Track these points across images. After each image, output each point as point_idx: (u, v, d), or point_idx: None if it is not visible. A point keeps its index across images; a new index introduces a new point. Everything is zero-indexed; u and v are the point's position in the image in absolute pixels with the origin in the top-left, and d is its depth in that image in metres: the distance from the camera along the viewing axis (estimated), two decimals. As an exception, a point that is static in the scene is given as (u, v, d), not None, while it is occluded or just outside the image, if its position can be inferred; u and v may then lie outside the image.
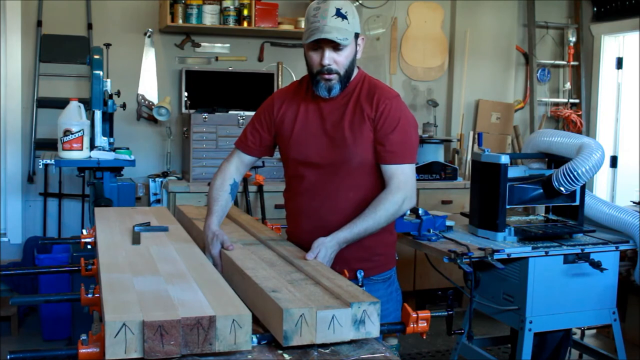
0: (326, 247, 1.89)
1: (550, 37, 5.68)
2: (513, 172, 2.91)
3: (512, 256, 2.74)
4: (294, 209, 2.22)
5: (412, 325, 1.51)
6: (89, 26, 4.52)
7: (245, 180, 4.29)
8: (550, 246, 2.81)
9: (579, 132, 5.45)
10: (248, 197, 4.29)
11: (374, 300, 1.44)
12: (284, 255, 1.88)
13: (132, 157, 3.43)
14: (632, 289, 3.79)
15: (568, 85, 5.63)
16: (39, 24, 4.42)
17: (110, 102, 3.48)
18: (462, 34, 5.30)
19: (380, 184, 2.07)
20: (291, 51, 4.92)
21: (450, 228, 3.06)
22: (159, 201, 4.37)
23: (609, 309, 2.98)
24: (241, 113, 4.39)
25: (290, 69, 4.87)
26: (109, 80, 3.56)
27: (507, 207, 2.86)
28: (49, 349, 1.35)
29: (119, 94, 3.65)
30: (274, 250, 1.96)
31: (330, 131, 2.07)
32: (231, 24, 4.54)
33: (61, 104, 3.49)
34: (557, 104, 5.70)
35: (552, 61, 5.66)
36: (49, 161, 3.32)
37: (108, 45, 4.34)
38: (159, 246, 1.96)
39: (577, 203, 3.01)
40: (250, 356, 1.34)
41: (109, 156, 3.37)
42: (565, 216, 3.10)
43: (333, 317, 1.38)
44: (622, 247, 2.92)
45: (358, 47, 2.07)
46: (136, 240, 2.00)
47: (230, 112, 4.42)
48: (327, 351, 1.37)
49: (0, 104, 4.39)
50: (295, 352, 1.36)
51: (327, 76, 2.01)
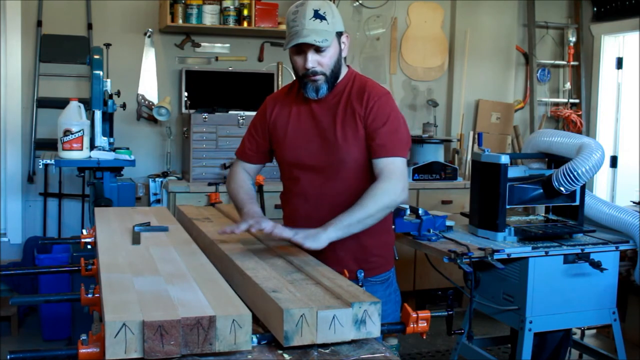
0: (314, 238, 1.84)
1: (550, 37, 5.68)
2: (513, 172, 2.91)
3: (512, 256, 2.74)
4: (290, 212, 2.21)
5: (412, 325, 1.51)
6: (89, 26, 4.52)
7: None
8: (550, 246, 2.81)
9: (579, 132, 5.45)
10: (248, 197, 4.29)
11: (375, 300, 1.44)
12: (284, 255, 1.88)
13: (132, 157, 3.43)
14: (632, 289, 3.79)
15: (568, 85, 5.63)
16: (39, 24, 4.43)
17: (110, 102, 3.48)
18: (462, 34, 5.30)
19: None
20: (291, 51, 4.92)
21: (450, 228, 3.06)
22: (159, 201, 4.37)
23: (609, 309, 2.98)
24: (241, 113, 4.39)
25: (290, 69, 4.86)
26: (109, 80, 3.56)
27: (507, 207, 2.86)
28: (49, 349, 1.35)
29: (119, 94, 3.65)
30: (274, 250, 1.95)
31: (323, 133, 2.06)
32: (231, 24, 4.54)
33: (61, 104, 3.48)
34: (557, 104, 5.71)
35: (552, 61, 5.67)
36: (49, 161, 3.32)
37: (108, 45, 4.34)
38: (159, 246, 1.95)
39: (577, 203, 3.01)
40: (250, 356, 1.34)
41: (109, 156, 3.37)
42: (565, 216, 3.10)
43: (334, 317, 1.38)
44: (622, 247, 2.92)
45: (343, 46, 2.06)
46: (136, 240, 2.00)
47: (230, 112, 4.42)
48: (327, 351, 1.37)
49: (0, 104, 4.39)
50: (295, 352, 1.36)
51: (313, 78, 2.01)
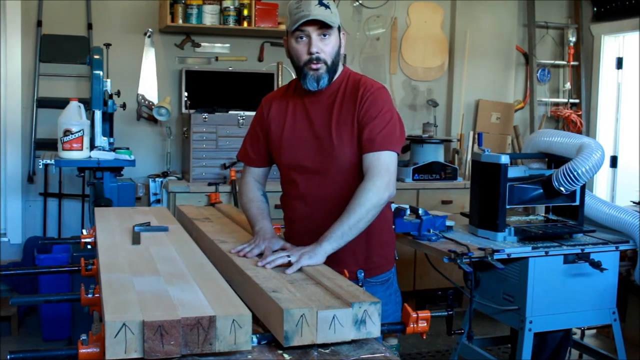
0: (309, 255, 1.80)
1: (550, 37, 5.68)
2: (513, 172, 2.91)
3: (512, 256, 2.74)
4: (290, 214, 2.19)
5: (412, 325, 1.51)
6: (89, 26, 4.52)
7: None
8: (550, 246, 2.81)
9: (579, 132, 5.45)
10: (248, 197, 4.29)
11: (375, 300, 1.44)
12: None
13: (132, 157, 3.43)
14: (632, 289, 3.79)
15: (568, 85, 5.63)
16: (39, 24, 4.43)
17: (110, 102, 3.48)
18: (462, 34, 5.30)
19: None
20: (291, 51, 4.92)
21: (450, 228, 3.06)
22: (159, 201, 4.37)
23: (609, 309, 2.98)
24: (241, 113, 4.39)
25: (290, 69, 4.86)
26: (109, 80, 3.56)
27: (507, 207, 2.86)
28: (49, 349, 1.35)
29: (119, 94, 3.65)
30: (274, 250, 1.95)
31: (318, 133, 2.04)
32: (231, 24, 4.54)
33: (61, 104, 3.48)
34: (557, 104, 5.71)
35: (552, 61, 5.67)
36: (49, 161, 3.32)
37: (108, 45, 4.34)
38: (159, 246, 1.95)
39: (577, 203, 3.01)
40: (250, 356, 1.34)
41: (109, 156, 3.37)
42: (565, 216, 3.10)
43: (334, 317, 1.38)
44: (622, 247, 2.92)
45: (342, 41, 2.06)
46: (136, 240, 2.00)
47: (230, 112, 4.42)
48: (327, 351, 1.37)
49: (0, 104, 4.39)
50: (295, 352, 1.36)
51: (314, 66, 1.97)
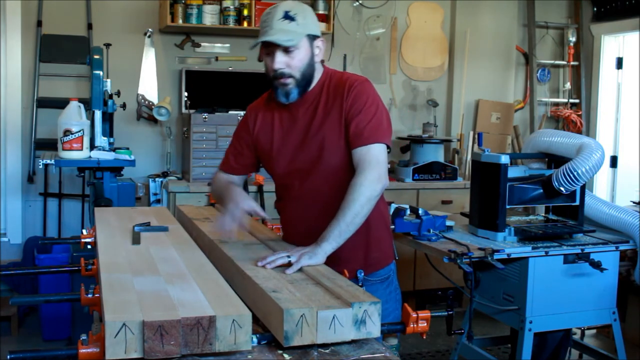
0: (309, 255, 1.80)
1: (550, 37, 5.68)
2: (513, 172, 2.91)
3: (512, 256, 2.74)
4: (287, 218, 2.19)
5: (412, 325, 1.51)
6: (89, 26, 4.52)
7: (244, 181, 4.29)
8: (550, 246, 2.81)
9: (579, 132, 5.45)
10: (248, 197, 4.29)
11: (375, 300, 1.44)
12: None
13: (132, 157, 3.43)
14: (632, 289, 3.79)
15: (568, 85, 5.63)
16: (39, 24, 4.42)
17: (110, 102, 3.48)
18: (462, 34, 5.30)
19: None
20: (291, 51, 4.92)
21: (450, 228, 3.06)
22: (159, 201, 4.37)
23: (609, 309, 2.98)
24: (241, 113, 4.38)
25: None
26: (109, 80, 3.56)
27: (507, 207, 2.86)
28: (49, 349, 1.35)
29: (119, 94, 3.65)
30: (274, 250, 1.95)
31: (308, 137, 2.03)
32: (231, 24, 4.54)
33: (61, 104, 3.48)
34: (557, 104, 5.71)
35: (552, 61, 5.67)
36: (49, 161, 3.32)
37: (108, 45, 4.34)
38: (159, 246, 1.95)
39: (577, 203, 3.01)
40: (250, 356, 1.34)
41: (109, 156, 3.37)
42: (565, 216, 3.10)
43: (334, 317, 1.38)
44: (622, 247, 2.92)
45: (317, 50, 2.01)
46: (136, 240, 2.00)
47: (230, 112, 4.42)
48: (327, 351, 1.37)
49: (0, 104, 4.39)
50: (295, 352, 1.36)
51: (282, 81, 1.96)
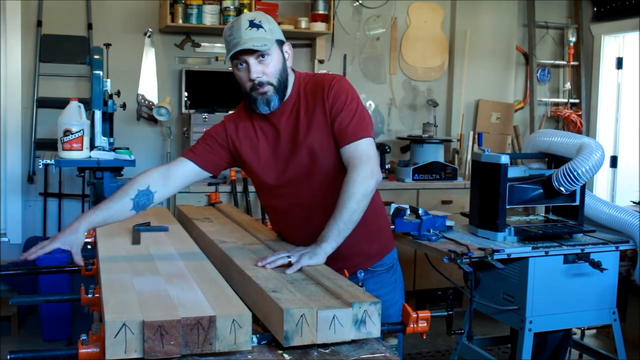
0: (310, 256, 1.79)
1: (550, 37, 5.68)
2: (513, 172, 2.91)
3: (512, 256, 2.74)
4: (284, 227, 2.15)
5: (412, 325, 1.51)
6: (89, 26, 4.52)
7: (245, 181, 4.29)
8: (550, 246, 2.80)
9: (579, 132, 5.45)
10: (248, 197, 4.29)
11: (375, 300, 1.44)
12: (284, 255, 1.88)
13: (132, 157, 3.43)
14: (632, 289, 3.79)
15: (568, 85, 5.63)
16: (39, 24, 4.42)
17: (110, 102, 3.47)
18: (462, 34, 5.30)
19: None
20: (291, 51, 4.92)
21: (450, 228, 3.06)
22: (159, 201, 4.36)
23: (609, 309, 2.98)
24: (241, 113, 4.38)
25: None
26: (109, 80, 3.56)
27: (507, 207, 2.86)
28: (49, 349, 1.36)
29: (119, 94, 3.65)
30: (273, 250, 1.95)
31: (296, 145, 1.99)
32: (231, 24, 4.54)
33: (61, 104, 3.48)
34: (557, 104, 5.71)
35: (552, 61, 5.67)
36: (49, 161, 3.32)
37: (108, 45, 4.34)
38: (159, 246, 1.96)
39: (577, 203, 3.00)
40: (250, 356, 1.34)
41: (109, 156, 3.37)
42: (565, 216, 3.10)
43: (334, 317, 1.38)
44: (622, 247, 2.92)
45: (286, 54, 1.99)
46: (136, 240, 2.00)
47: (230, 112, 4.41)
48: (327, 351, 1.37)
49: (0, 104, 4.39)
50: (295, 352, 1.36)
51: (261, 90, 1.92)
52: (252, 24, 1.90)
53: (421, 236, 2.89)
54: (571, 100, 5.64)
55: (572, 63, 5.60)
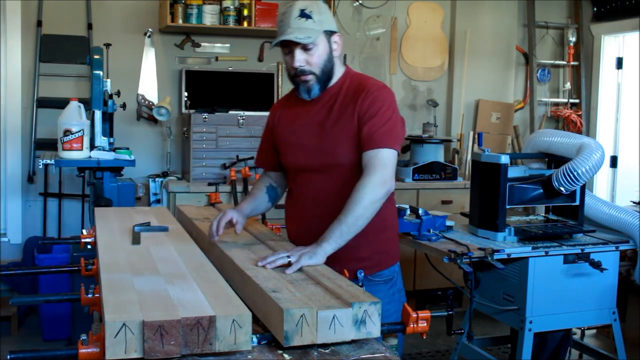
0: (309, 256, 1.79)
1: (550, 37, 5.68)
2: (513, 172, 2.91)
3: (512, 256, 2.74)
4: (291, 213, 2.21)
5: (412, 325, 1.51)
6: (89, 26, 4.52)
7: (245, 180, 4.29)
8: (550, 246, 2.81)
9: (579, 132, 5.45)
10: (248, 197, 4.29)
11: (375, 300, 1.44)
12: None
13: (132, 157, 3.43)
14: (632, 289, 3.79)
15: (568, 85, 5.63)
16: (39, 24, 4.42)
17: (110, 102, 3.48)
18: (462, 34, 5.30)
19: None
20: (291, 51, 4.92)
21: (450, 228, 3.06)
22: (159, 201, 4.37)
23: (609, 309, 2.98)
24: (241, 113, 4.38)
25: (290, 69, 4.86)
26: (109, 80, 3.56)
27: (507, 207, 2.86)
28: (49, 349, 1.35)
29: (119, 94, 3.65)
30: (274, 250, 1.95)
31: (319, 134, 2.05)
32: (231, 24, 4.54)
33: (61, 104, 3.48)
34: (557, 104, 5.71)
35: (552, 61, 5.67)
36: (49, 161, 3.32)
37: (108, 45, 4.34)
38: (159, 246, 1.96)
39: (577, 203, 3.01)
40: (250, 356, 1.34)
41: (109, 156, 3.37)
42: (565, 216, 3.10)
43: (334, 317, 1.38)
44: (622, 247, 2.92)
45: (335, 45, 2.04)
46: (136, 240, 2.00)
47: (230, 112, 4.42)
48: (327, 351, 1.37)
49: (0, 104, 4.39)
50: (295, 352, 1.36)
51: (303, 78, 2.01)
52: (303, 14, 1.95)
53: (421, 236, 2.89)
54: (571, 100, 5.64)
55: (572, 63, 5.60)
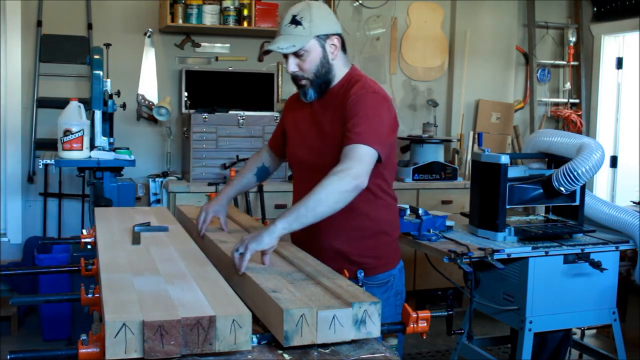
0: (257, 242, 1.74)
1: (550, 37, 5.68)
2: (513, 172, 2.91)
3: (512, 256, 2.74)
4: None
5: (412, 325, 1.51)
6: (89, 26, 4.52)
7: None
8: (550, 246, 2.81)
9: (579, 132, 5.45)
10: (248, 197, 4.29)
11: (375, 300, 1.44)
12: (284, 255, 1.88)
13: (132, 157, 3.43)
14: (632, 289, 3.79)
15: (568, 85, 5.63)
16: (39, 24, 4.42)
17: (110, 102, 3.47)
18: (462, 34, 5.30)
19: (370, 186, 1.94)
20: (291, 51, 4.92)
21: (450, 228, 3.06)
22: (159, 201, 4.37)
23: (609, 309, 2.98)
24: (241, 113, 4.38)
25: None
26: (109, 80, 3.56)
27: (507, 207, 2.86)
28: (49, 349, 1.35)
29: (119, 94, 3.65)
30: (274, 249, 1.95)
31: (319, 133, 2.07)
32: (231, 24, 4.54)
33: (61, 104, 3.48)
34: (557, 104, 5.71)
35: (552, 61, 5.67)
36: (49, 161, 3.31)
37: (108, 45, 4.34)
38: (159, 246, 1.95)
39: (577, 203, 3.01)
40: (250, 356, 1.34)
41: (109, 156, 3.37)
42: (565, 216, 3.10)
43: (334, 317, 1.38)
44: (622, 247, 2.92)
45: (331, 48, 2.01)
46: (136, 240, 2.00)
47: (230, 112, 4.42)
48: (327, 351, 1.37)
49: (0, 104, 4.39)
50: (295, 352, 1.36)
51: (298, 82, 2.06)
52: (294, 20, 1.97)
53: (421, 236, 2.89)
54: (571, 100, 5.64)
55: (572, 63, 5.60)
